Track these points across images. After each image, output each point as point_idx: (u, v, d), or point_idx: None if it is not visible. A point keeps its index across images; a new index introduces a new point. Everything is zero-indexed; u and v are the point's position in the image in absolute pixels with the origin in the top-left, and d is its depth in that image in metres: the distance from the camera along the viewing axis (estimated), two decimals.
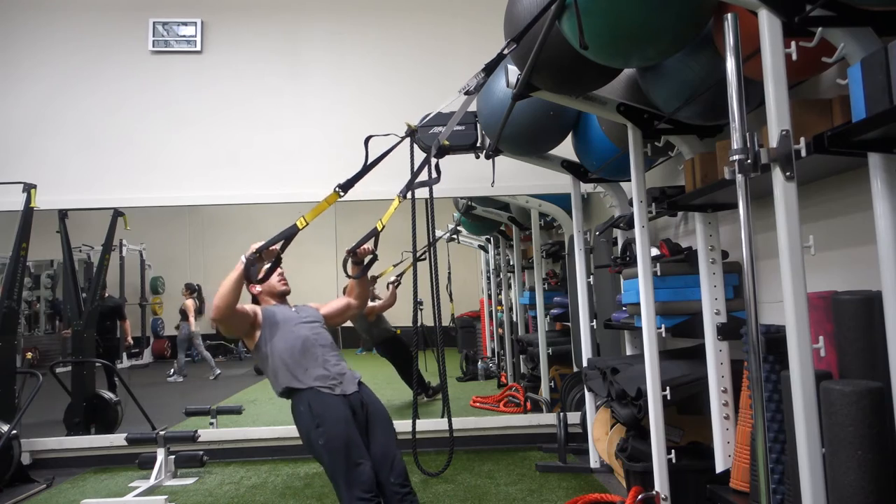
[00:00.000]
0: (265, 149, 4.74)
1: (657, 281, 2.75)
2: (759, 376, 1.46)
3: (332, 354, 2.61)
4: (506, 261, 7.22)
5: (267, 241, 2.36)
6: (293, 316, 2.68)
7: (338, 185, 2.37)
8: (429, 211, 3.73)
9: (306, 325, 2.65)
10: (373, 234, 2.61)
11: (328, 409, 2.43)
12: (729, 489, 2.21)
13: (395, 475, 2.43)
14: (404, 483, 2.44)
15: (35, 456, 4.23)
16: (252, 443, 4.35)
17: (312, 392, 2.47)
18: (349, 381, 2.56)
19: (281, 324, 2.60)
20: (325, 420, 2.40)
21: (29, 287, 9.46)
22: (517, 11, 2.12)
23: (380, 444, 2.48)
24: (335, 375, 2.53)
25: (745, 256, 1.47)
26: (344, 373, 2.57)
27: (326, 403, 2.44)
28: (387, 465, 2.43)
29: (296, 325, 2.63)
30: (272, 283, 2.70)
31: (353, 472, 2.33)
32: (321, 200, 2.33)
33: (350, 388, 2.53)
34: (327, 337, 2.69)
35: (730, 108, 1.48)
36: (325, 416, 2.41)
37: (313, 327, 2.66)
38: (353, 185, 2.39)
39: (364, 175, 2.43)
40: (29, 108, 4.69)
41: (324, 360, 2.55)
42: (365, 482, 2.32)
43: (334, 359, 2.60)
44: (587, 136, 3.28)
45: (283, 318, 2.63)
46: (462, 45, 4.69)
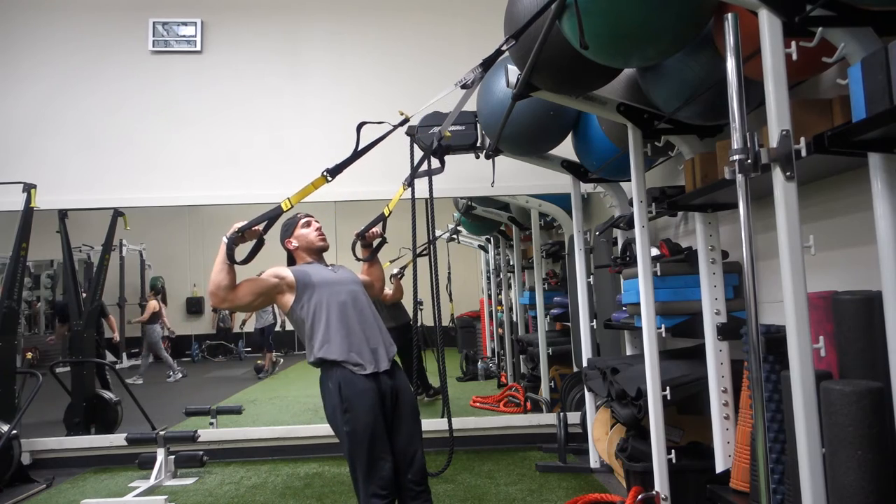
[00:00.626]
0: (265, 149, 4.74)
1: (657, 281, 2.75)
2: (759, 376, 1.46)
3: (370, 323, 2.46)
4: (506, 261, 7.22)
5: (249, 220, 2.28)
6: (329, 276, 2.50)
7: (326, 169, 2.30)
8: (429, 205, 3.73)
9: (344, 289, 2.48)
10: (380, 219, 2.57)
11: (358, 395, 2.30)
12: (729, 489, 2.21)
13: (413, 472, 2.36)
14: (420, 481, 2.38)
15: (35, 456, 4.23)
16: (252, 443, 4.36)
17: (344, 371, 2.34)
18: (383, 357, 2.42)
19: (317, 286, 2.44)
20: (353, 406, 2.30)
21: (29, 287, 9.47)
22: (517, 11, 2.12)
23: (404, 437, 2.39)
24: (370, 350, 2.39)
25: (745, 256, 1.47)
26: (378, 346, 2.42)
27: (356, 388, 2.31)
28: (406, 460, 2.37)
29: (333, 286, 2.46)
30: (310, 238, 2.57)
31: (374, 466, 2.27)
32: (308, 184, 2.28)
33: (383, 365, 2.40)
34: (366, 302, 2.52)
35: (730, 108, 1.48)
36: (354, 402, 2.30)
37: (351, 291, 2.49)
38: (342, 170, 2.31)
39: (353, 161, 2.35)
40: (29, 107, 4.69)
41: (361, 331, 2.41)
42: (384, 478, 2.26)
43: (371, 329, 2.45)
44: (587, 136, 3.28)
45: (320, 280, 2.46)
46: (462, 45, 4.69)
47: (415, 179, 3.01)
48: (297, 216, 2.62)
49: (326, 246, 2.61)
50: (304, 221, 2.61)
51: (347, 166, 2.34)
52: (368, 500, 2.26)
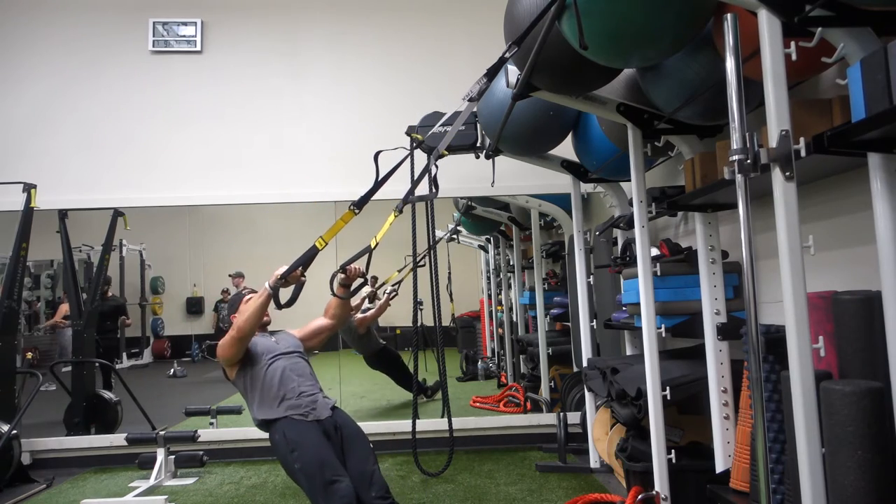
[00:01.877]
0: (265, 149, 4.74)
1: (657, 281, 2.74)
2: (759, 376, 1.46)
3: (308, 384, 2.72)
4: (506, 261, 7.22)
5: (290, 266, 2.48)
6: (272, 346, 2.79)
7: (352, 203, 2.41)
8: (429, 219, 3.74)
9: (284, 357, 2.76)
10: (366, 252, 2.53)
11: (302, 434, 2.52)
12: (729, 489, 2.21)
13: (375, 489, 2.49)
14: (385, 495, 2.50)
15: (35, 456, 4.23)
16: (252, 443, 4.35)
17: (286, 420, 2.59)
18: (322, 407, 2.67)
19: (261, 356, 2.72)
20: (299, 445, 2.49)
21: (29, 287, 9.46)
22: (517, 12, 2.12)
23: (357, 461, 2.54)
24: (308, 403, 2.64)
25: (745, 256, 1.47)
26: (317, 400, 2.68)
27: (300, 430, 2.55)
28: (366, 481, 2.49)
29: (274, 357, 2.74)
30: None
31: (331, 488, 2.38)
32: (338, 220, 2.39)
33: (323, 414, 2.64)
34: (304, 366, 2.80)
35: (730, 108, 1.48)
36: (298, 441, 2.51)
37: (290, 358, 2.77)
38: (367, 202, 2.40)
39: (376, 191, 2.43)
40: (29, 107, 4.69)
41: (299, 391, 2.66)
42: (343, 497, 2.36)
43: (309, 388, 2.71)
44: (587, 136, 3.28)
45: (263, 350, 2.75)
46: (462, 45, 4.69)
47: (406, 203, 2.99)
48: (241, 292, 2.96)
49: (269, 321, 2.88)
50: (247, 298, 2.85)
51: (371, 196, 2.41)
52: None
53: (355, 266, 2.73)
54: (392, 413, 5.60)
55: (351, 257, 2.63)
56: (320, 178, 4.64)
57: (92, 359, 4.88)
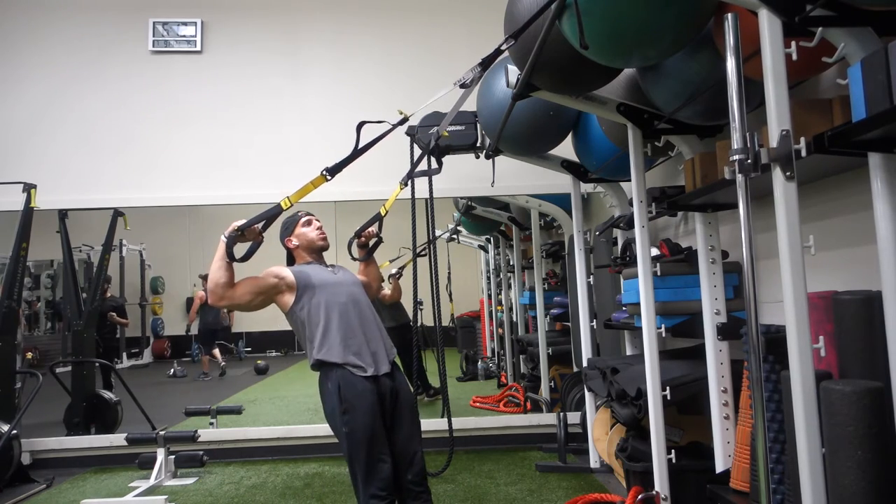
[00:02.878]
0: (265, 149, 4.74)
1: (657, 281, 2.74)
2: (759, 376, 1.46)
3: (370, 326, 2.45)
4: (506, 261, 7.22)
5: (249, 219, 2.27)
6: (329, 277, 2.49)
7: (325, 168, 2.29)
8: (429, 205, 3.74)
9: (344, 290, 2.47)
10: (377, 219, 2.55)
11: (357, 396, 2.30)
12: (729, 489, 2.21)
13: (412, 472, 2.36)
14: (420, 482, 2.37)
15: (35, 456, 4.23)
16: (252, 443, 4.36)
17: (343, 372, 2.33)
18: (383, 359, 2.41)
19: (317, 287, 2.42)
20: (352, 407, 2.29)
21: (29, 287, 9.47)
22: (517, 11, 2.12)
23: (403, 437, 2.39)
24: (370, 352, 2.39)
25: (745, 256, 1.46)
26: (378, 349, 2.42)
27: (356, 389, 2.31)
28: (406, 460, 2.36)
29: (333, 288, 2.45)
30: (310, 237, 2.55)
31: (374, 467, 2.26)
32: (307, 182, 2.28)
33: (383, 368, 2.40)
34: (366, 304, 2.51)
35: (730, 108, 1.48)
36: (353, 403, 2.29)
37: (351, 293, 2.48)
38: (342, 169, 2.31)
39: (353, 160, 2.34)
40: (29, 107, 4.69)
41: (361, 333, 2.40)
42: (384, 479, 2.26)
43: (371, 331, 2.44)
44: (587, 136, 3.28)
45: (320, 281, 2.44)
46: (462, 45, 4.68)
47: (412, 179, 3.00)
48: (297, 214, 2.59)
49: (327, 245, 2.60)
50: (304, 220, 2.59)
51: (347, 165, 2.33)
52: (368, 500, 2.25)
53: (369, 230, 2.68)
54: None
55: (363, 224, 2.62)
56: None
57: (92, 359, 4.88)
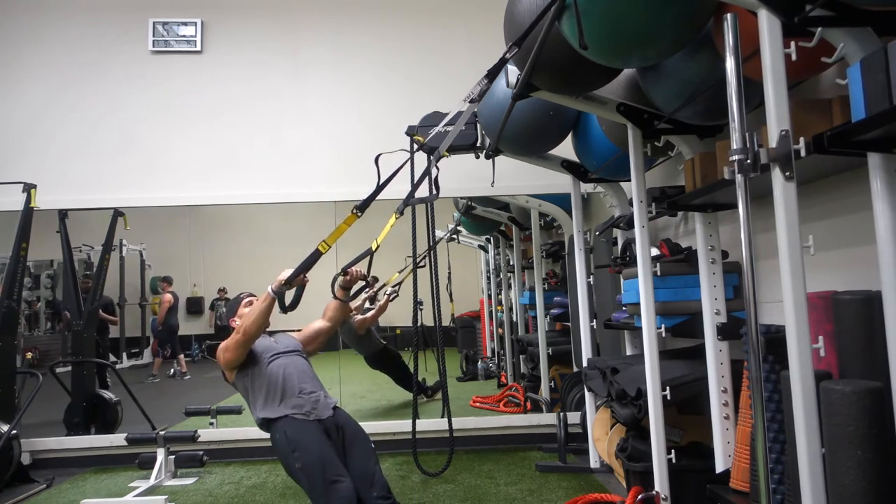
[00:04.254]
0: (265, 149, 4.74)
1: (657, 281, 2.74)
2: (759, 376, 1.46)
3: (308, 383, 2.70)
4: (506, 261, 7.22)
5: (294, 270, 2.49)
6: (272, 346, 2.78)
7: (355, 206, 2.40)
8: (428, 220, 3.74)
9: (284, 357, 2.74)
10: (367, 255, 2.54)
11: (303, 433, 2.52)
12: (729, 489, 2.21)
13: (376, 489, 2.49)
14: (386, 495, 2.50)
15: (35, 456, 4.23)
16: (252, 443, 4.35)
17: (287, 419, 2.57)
18: (323, 406, 2.65)
19: (260, 356, 2.70)
20: (300, 444, 2.48)
21: (29, 287, 9.46)
22: (517, 12, 2.12)
23: (358, 462, 2.55)
24: (310, 402, 2.62)
25: (745, 256, 1.47)
26: (318, 400, 2.66)
27: (301, 429, 2.54)
28: (367, 481, 2.49)
29: (274, 356, 2.72)
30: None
31: (331, 488, 2.38)
32: (341, 223, 2.38)
33: (325, 414, 2.62)
34: (305, 365, 2.79)
35: (730, 108, 1.48)
36: (299, 440, 2.50)
37: (290, 357, 2.76)
38: (369, 205, 2.40)
39: (378, 194, 2.43)
40: (29, 107, 4.69)
41: (299, 390, 2.65)
42: (344, 497, 2.36)
43: (309, 386, 2.69)
44: (587, 136, 3.28)
45: (263, 349, 2.73)
46: (462, 45, 4.69)
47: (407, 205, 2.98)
48: (239, 296, 2.92)
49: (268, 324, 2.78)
50: (245, 301, 2.87)
51: (373, 199, 2.41)
52: None
53: (356, 269, 2.74)
54: (392, 413, 5.60)
55: (352, 260, 2.63)
56: (320, 178, 4.64)
57: (92, 359, 4.88)
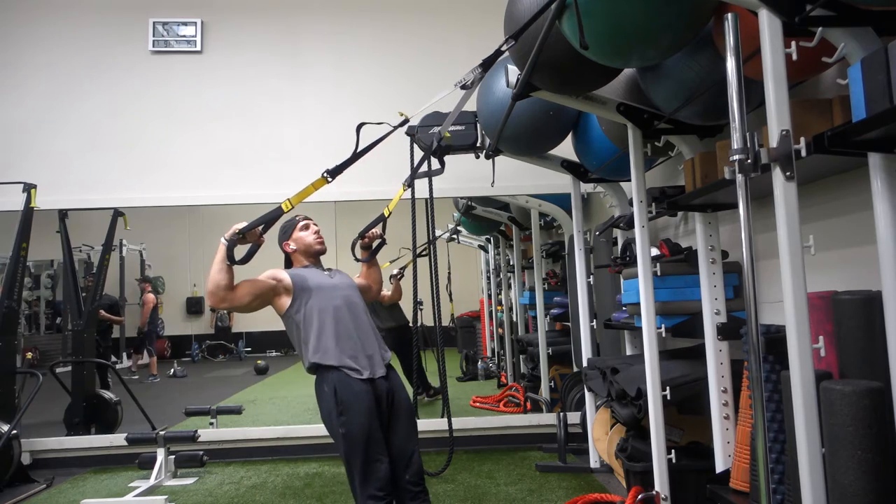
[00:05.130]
0: (265, 149, 4.74)
1: (657, 281, 2.74)
2: (759, 376, 1.46)
3: (365, 329, 2.47)
4: (506, 261, 7.23)
5: (250, 222, 2.28)
6: (326, 281, 2.51)
7: (326, 170, 2.29)
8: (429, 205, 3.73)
9: (340, 293, 2.48)
10: (380, 220, 2.58)
11: (353, 397, 2.31)
12: (729, 489, 2.21)
13: (410, 472, 2.37)
14: (418, 482, 2.38)
15: (35, 456, 4.23)
16: (252, 443, 4.36)
17: (340, 374, 2.34)
18: (379, 362, 2.43)
19: (313, 290, 2.44)
20: (348, 408, 2.30)
21: (29, 287, 9.47)
22: (517, 11, 2.12)
23: (400, 438, 2.40)
24: (366, 356, 2.41)
25: (745, 256, 1.47)
26: (374, 353, 2.44)
27: (352, 391, 2.33)
28: (403, 461, 2.37)
29: (329, 291, 2.47)
30: (307, 241, 2.57)
31: (370, 467, 2.27)
32: (308, 185, 2.28)
33: (379, 371, 2.41)
34: (361, 307, 2.54)
35: (730, 108, 1.48)
36: (349, 404, 2.31)
37: (347, 296, 2.50)
38: (342, 171, 2.31)
39: (353, 162, 2.35)
40: (29, 107, 4.69)
41: (357, 336, 2.43)
42: (381, 479, 2.26)
43: (367, 334, 2.47)
44: (587, 136, 3.28)
45: (316, 284, 2.46)
46: (461, 45, 4.69)
47: (415, 180, 3.02)
48: (295, 218, 2.61)
49: (324, 249, 2.62)
50: (302, 224, 2.60)
51: (347, 167, 2.34)
52: (365, 501, 2.26)
53: (373, 231, 2.70)
54: None
55: (367, 225, 2.66)
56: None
57: (92, 359, 4.88)
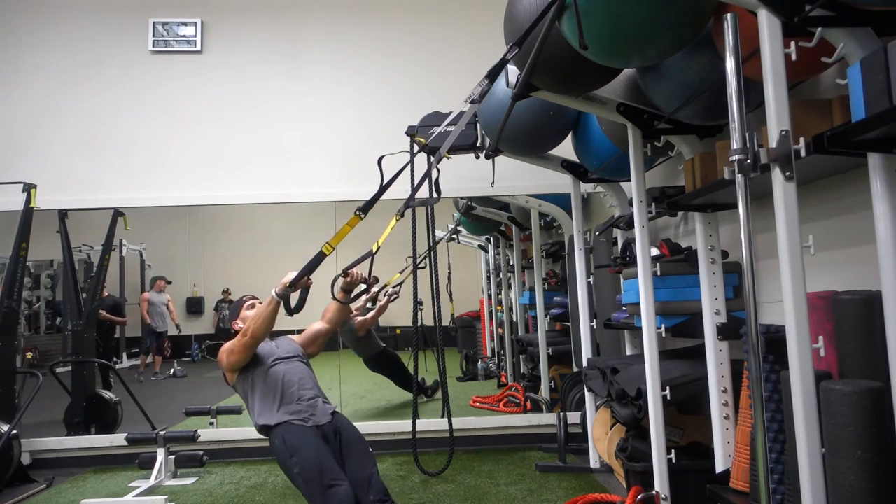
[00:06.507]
0: (265, 149, 4.74)
1: (657, 281, 2.75)
2: (759, 376, 1.46)
3: (308, 388, 2.73)
4: (506, 261, 7.22)
5: (298, 273, 2.49)
6: (273, 351, 2.80)
7: (358, 208, 2.40)
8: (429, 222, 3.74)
9: (284, 362, 2.76)
10: (367, 257, 2.48)
11: (300, 439, 2.54)
12: (729, 489, 2.21)
13: (374, 493, 2.49)
14: (384, 498, 2.51)
15: (35, 456, 4.23)
16: (252, 443, 4.35)
17: (286, 425, 2.60)
18: (321, 412, 2.69)
19: (262, 360, 2.72)
20: (298, 450, 2.50)
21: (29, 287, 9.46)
22: (517, 11, 2.12)
23: (356, 466, 2.56)
24: (308, 409, 2.66)
25: (745, 256, 1.47)
26: (316, 405, 2.70)
27: (299, 435, 2.56)
28: (364, 485, 2.50)
29: (274, 361, 2.75)
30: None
31: (329, 493, 2.39)
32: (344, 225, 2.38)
33: (323, 419, 2.65)
34: (304, 370, 2.81)
35: (730, 108, 1.48)
36: (297, 446, 2.52)
37: (290, 363, 2.78)
38: (372, 206, 2.40)
39: (381, 195, 2.43)
40: (29, 107, 4.70)
41: (298, 396, 2.68)
42: (342, 501, 2.37)
43: (309, 392, 2.72)
44: (587, 136, 3.28)
45: (264, 354, 2.75)
46: (461, 45, 4.69)
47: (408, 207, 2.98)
48: (242, 299, 2.95)
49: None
50: (248, 304, 2.89)
51: (377, 201, 2.41)
52: None
53: (356, 271, 2.73)
54: (392, 413, 5.60)
55: (352, 262, 2.59)
56: (320, 178, 4.64)
57: (92, 359, 4.88)
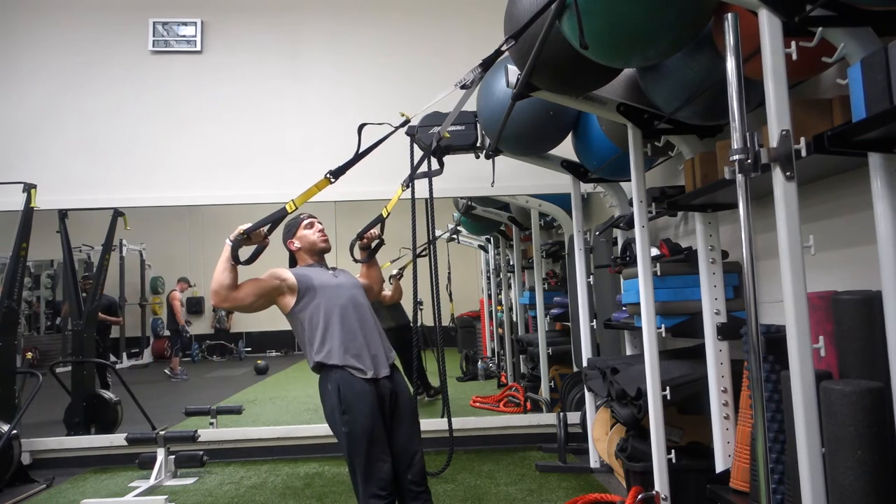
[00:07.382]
0: (265, 149, 4.74)
1: (657, 281, 2.75)
2: (759, 376, 1.46)
3: (370, 328, 2.47)
4: (506, 261, 7.23)
5: (254, 223, 2.27)
6: (330, 280, 2.51)
7: (329, 171, 2.29)
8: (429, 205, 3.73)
9: (345, 293, 2.48)
10: (378, 221, 2.59)
11: (356, 397, 2.31)
12: (729, 489, 2.21)
13: (412, 472, 2.37)
14: (420, 482, 2.38)
15: (35, 456, 4.23)
16: (252, 443, 4.36)
17: (343, 373, 2.34)
18: (383, 363, 2.43)
19: (318, 289, 2.44)
20: (351, 408, 2.30)
21: (29, 287, 9.47)
22: (517, 11, 2.12)
23: (403, 438, 2.40)
24: (370, 355, 2.40)
25: (745, 256, 1.46)
26: (378, 353, 2.43)
27: (355, 390, 2.32)
28: (406, 460, 2.37)
29: (334, 290, 2.46)
30: (312, 240, 2.57)
31: (373, 467, 2.27)
32: (311, 186, 2.28)
33: (383, 371, 2.41)
34: (366, 307, 2.52)
35: (730, 108, 1.48)
36: (352, 403, 2.30)
37: (352, 296, 2.49)
38: (345, 172, 2.31)
39: (356, 163, 2.35)
40: (29, 107, 4.69)
41: (361, 336, 2.42)
42: (383, 479, 2.26)
43: (371, 333, 2.46)
44: (587, 136, 3.28)
45: (321, 283, 2.46)
46: (462, 46, 4.69)
47: (414, 180, 3.02)
48: (300, 217, 2.61)
49: (328, 248, 2.62)
50: (306, 222, 2.61)
51: (350, 167, 2.34)
52: (368, 500, 2.26)
53: (371, 231, 2.70)
54: None
55: (365, 226, 2.65)
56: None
57: (92, 359, 4.88)
